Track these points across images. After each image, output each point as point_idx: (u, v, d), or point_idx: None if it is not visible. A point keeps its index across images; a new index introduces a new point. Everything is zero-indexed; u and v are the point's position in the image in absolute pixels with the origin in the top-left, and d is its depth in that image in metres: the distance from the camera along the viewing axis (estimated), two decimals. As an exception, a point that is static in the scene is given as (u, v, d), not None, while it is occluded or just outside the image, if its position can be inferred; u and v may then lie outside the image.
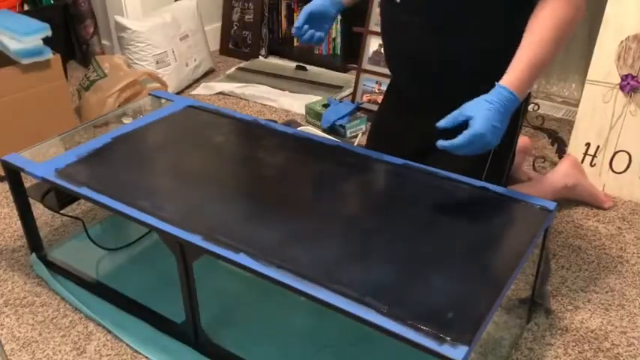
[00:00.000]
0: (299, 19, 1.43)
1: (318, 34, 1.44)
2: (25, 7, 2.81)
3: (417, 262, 1.12)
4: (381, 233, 1.20)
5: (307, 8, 1.42)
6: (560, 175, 1.87)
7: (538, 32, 1.20)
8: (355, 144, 2.28)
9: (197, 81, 2.96)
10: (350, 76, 2.84)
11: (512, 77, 1.19)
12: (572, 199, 1.91)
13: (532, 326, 1.46)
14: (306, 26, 1.42)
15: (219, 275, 1.58)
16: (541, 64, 1.21)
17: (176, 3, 2.95)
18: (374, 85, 2.51)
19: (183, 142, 1.60)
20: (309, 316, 1.44)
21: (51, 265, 1.62)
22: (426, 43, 1.37)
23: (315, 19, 1.44)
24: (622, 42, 1.87)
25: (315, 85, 2.85)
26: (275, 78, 2.94)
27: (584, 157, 2.00)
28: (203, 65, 2.98)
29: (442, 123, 1.18)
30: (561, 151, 2.08)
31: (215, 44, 3.31)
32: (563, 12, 1.20)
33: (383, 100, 1.69)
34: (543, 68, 1.23)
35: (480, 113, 1.15)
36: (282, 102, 2.67)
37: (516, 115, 1.46)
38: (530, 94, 1.54)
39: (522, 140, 1.93)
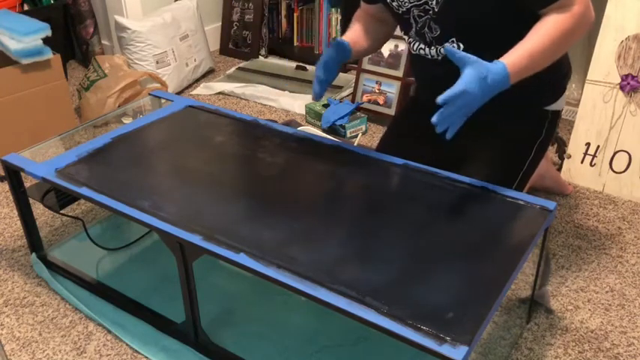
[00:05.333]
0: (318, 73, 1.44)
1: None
2: (25, 7, 2.81)
3: (417, 261, 1.12)
4: (381, 233, 1.20)
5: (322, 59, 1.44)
6: None
7: (544, 32, 1.22)
8: (355, 144, 2.28)
9: (197, 81, 2.96)
10: (350, 76, 2.84)
11: (514, 59, 1.19)
12: (538, 187, 1.92)
13: (532, 326, 1.46)
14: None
15: (219, 275, 1.58)
16: (539, 62, 1.23)
17: (176, 3, 2.95)
18: (374, 85, 2.51)
19: (183, 142, 1.60)
20: (309, 316, 1.45)
21: (51, 265, 1.62)
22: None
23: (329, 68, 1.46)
24: (622, 42, 1.87)
25: (315, 85, 2.85)
26: (275, 78, 2.94)
27: (584, 157, 2.00)
28: (203, 65, 2.98)
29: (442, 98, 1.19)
30: (561, 151, 2.08)
31: (215, 44, 3.31)
32: (568, 23, 1.22)
33: (404, 109, 1.70)
34: (537, 67, 1.24)
35: (470, 79, 1.16)
36: (282, 102, 2.67)
37: (540, 122, 1.48)
38: (560, 112, 1.54)
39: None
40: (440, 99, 1.14)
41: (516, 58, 1.20)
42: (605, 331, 1.44)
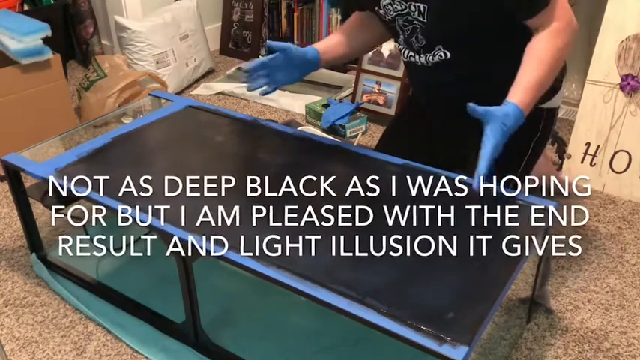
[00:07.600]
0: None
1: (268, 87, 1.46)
2: (25, 7, 2.81)
3: (417, 262, 1.12)
4: (381, 233, 1.20)
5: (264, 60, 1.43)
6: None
7: (540, 59, 1.26)
8: (355, 144, 2.28)
9: (197, 81, 2.96)
10: (350, 76, 2.84)
11: (522, 96, 1.23)
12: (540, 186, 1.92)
13: (532, 326, 1.46)
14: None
15: (219, 275, 1.58)
16: (543, 86, 1.27)
17: (176, 3, 2.95)
18: (374, 85, 2.51)
19: (183, 142, 1.60)
20: (309, 316, 1.44)
21: (51, 265, 1.62)
22: (454, 89, 1.43)
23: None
24: (622, 42, 1.87)
25: (315, 85, 2.85)
26: (275, 78, 2.93)
27: (584, 157, 2.00)
28: (203, 65, 2.98)
29: (471, 107, 1.22)
30: (561, 151, 2.08)
31: (215, 44, 3.31)
32: (558, 42, 1.26)
33: (403, 108, 1.71)
34: (542, 92, 1.27)
35: (494, 134, 1.19)
36: (282, 102, 2.67)
37: (536, 120, 1.48)
38: (556, 110, 1.54)
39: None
40: (483, 167, 1.18)
41: (523, 94, 1.23)
42: (605, 331, 1.44)
